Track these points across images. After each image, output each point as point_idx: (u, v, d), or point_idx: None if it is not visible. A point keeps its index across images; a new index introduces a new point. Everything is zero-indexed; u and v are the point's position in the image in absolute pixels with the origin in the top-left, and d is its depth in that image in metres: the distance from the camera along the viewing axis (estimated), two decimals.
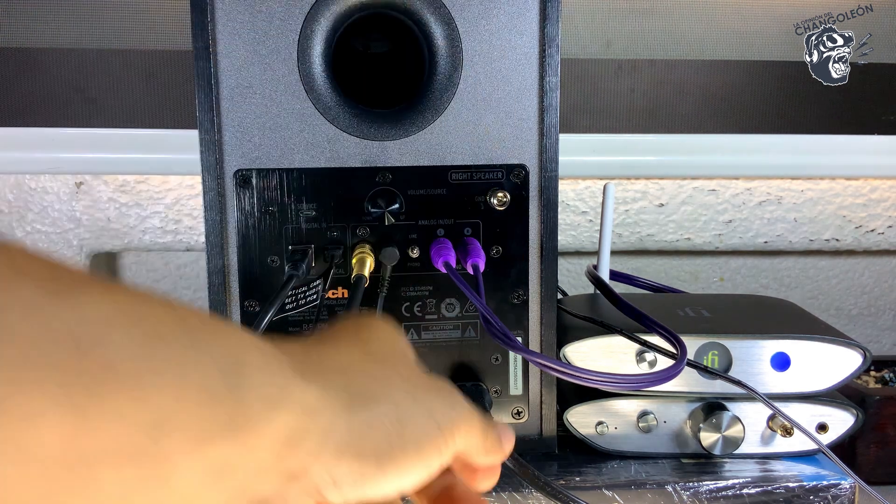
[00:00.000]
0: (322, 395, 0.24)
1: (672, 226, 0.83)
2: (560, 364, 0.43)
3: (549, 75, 0.50)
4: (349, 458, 0.24)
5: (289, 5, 0.48)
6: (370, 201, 0.50)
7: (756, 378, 0.53)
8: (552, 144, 0.51)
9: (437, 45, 0.49)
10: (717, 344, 0.53)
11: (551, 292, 0.52)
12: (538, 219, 0.52)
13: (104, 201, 0.79)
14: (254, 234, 0.50)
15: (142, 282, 0.86)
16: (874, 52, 0.78)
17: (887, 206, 0.84)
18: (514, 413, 0.53)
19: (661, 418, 0.54)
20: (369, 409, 0.25)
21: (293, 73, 0.48)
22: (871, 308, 0.91)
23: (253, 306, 0.50)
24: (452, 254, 0.49)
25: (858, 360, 0.53)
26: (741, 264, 0.89)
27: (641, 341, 0.51)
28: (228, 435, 0.21)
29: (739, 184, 0.82)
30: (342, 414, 0.24)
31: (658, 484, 0.50)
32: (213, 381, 0.21)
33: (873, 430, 0.66)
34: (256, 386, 0.22)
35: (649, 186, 0.82)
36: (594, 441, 0.54)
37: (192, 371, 0.20)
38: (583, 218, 0.82)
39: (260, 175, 0.49)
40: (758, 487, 0.50)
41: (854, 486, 0.50)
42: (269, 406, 0.22)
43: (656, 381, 0.44)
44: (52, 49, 0.75)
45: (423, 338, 0.52)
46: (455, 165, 0.50)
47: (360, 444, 0.25)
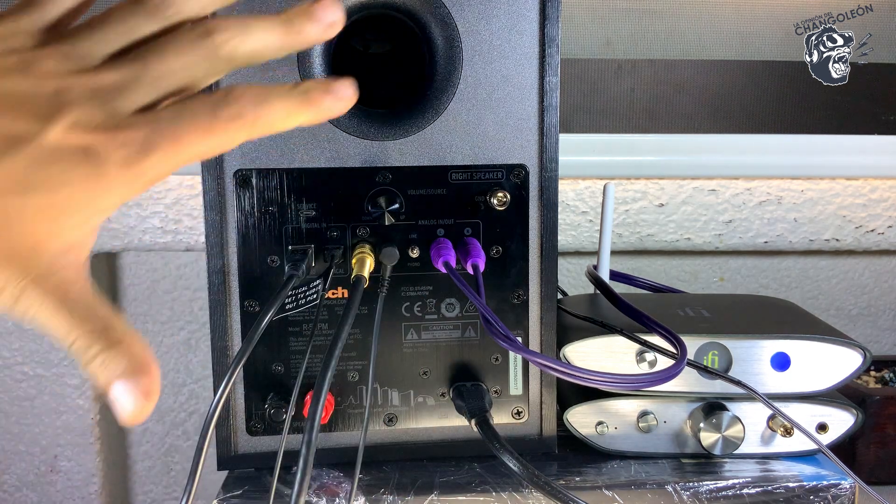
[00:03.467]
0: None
1: (672, 226, 0.83)
2: (560, 364, 0.43)
3: (549, 75, 0.50)
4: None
5: (288, 5, 0.48)
6: (370, 201, 0.50)
7: (756, 378, 0.53)
8: (552, 144, 0.51)
9: (437, 46, 0.49)
10: (717, 344, 0.53)
11: (551, 292, 0.52)
12: (538, 219, 0.52)
13: None
14: (254, 234, 0.50)
15: (142, 282, 0.86)
16: (874, 52, 0.78)
17: (887, 206, 0.84)
18: (514, 413, 0.53)
19: (661, 418, 0.54)
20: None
21: (293, 73, 0.48)
22: (871, 308, 0.91)
23: (253, 306, 0.50)
24: (452, 254, 0.49)
25: (858, 360, 0.53)
26: (741, 264, 0.89)
27: (641, 341, 0.51)
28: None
29: (739, 184, 0.82)
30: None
31: (658, 484, 0.50)
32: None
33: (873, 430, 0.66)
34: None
35: (649, 186, 0.82)
36: (594, 441, 0.54)
37: None
38: (583, 218, 0.82)
39: (260, 175, 0.49)
40: (758, 487, 0.50)
41: (854, 486, 0.50)
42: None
43: (656, 381, 0.44)
44: None
45: (423, 338, 0.52)
46: (455, 165, 0.50)
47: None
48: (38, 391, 0.83)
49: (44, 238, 0.27)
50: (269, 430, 0.52)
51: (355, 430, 0.52)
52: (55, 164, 0.26)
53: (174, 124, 0.28)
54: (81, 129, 0.27)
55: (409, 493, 0.49)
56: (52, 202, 0.27)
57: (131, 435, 0.89)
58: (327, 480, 0.51)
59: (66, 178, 0.27)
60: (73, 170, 0.27)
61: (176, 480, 0.91)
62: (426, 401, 0.53)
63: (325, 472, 0.52)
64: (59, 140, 0.26)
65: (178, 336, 0.87)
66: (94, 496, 0.85)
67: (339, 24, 0.31)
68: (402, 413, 0.53)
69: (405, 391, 0.53)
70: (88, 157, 0.27)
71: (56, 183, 0.26)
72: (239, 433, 0.52)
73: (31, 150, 0.26)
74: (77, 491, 0.85)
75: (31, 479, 0.85)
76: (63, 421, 0.83)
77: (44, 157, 0.26)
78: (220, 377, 0.51)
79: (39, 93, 0.27)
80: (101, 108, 0.27)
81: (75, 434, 0.84)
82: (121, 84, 0.28)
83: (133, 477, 0.91)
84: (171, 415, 0.89)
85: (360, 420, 0.52)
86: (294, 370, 0.51)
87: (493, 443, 0.46)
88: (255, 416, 0.51)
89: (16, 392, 0.83)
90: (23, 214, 0.26)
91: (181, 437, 0.90)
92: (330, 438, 0.53)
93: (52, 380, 0.83)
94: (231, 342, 0.51)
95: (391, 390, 0.53)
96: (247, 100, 0.29)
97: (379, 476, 0.51)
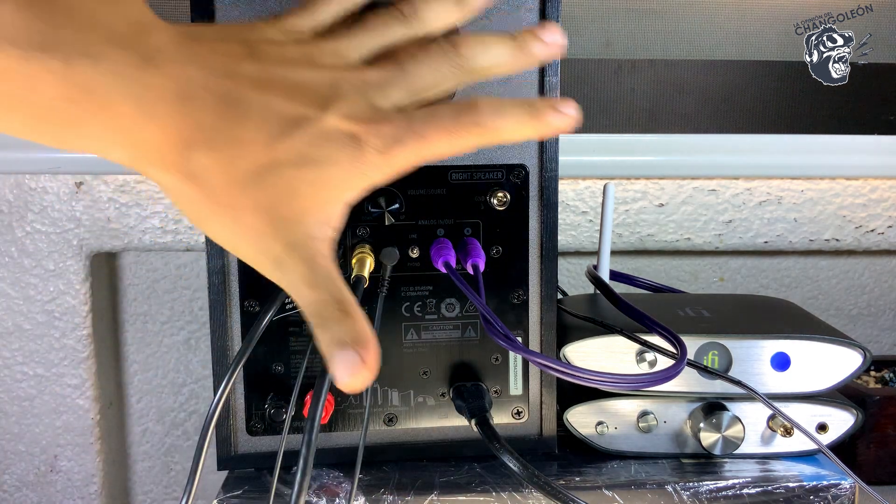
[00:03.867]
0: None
1: (672, 226, 0.83)
2: (560, 364, 0.43)
3: (549, 75, 0.50)
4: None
5: (288, 5, 0.48)
6: (370, 201, 0.50)
7: (756, 378, 0.53)
8: (552, 144, 0.51)
9: None
10: (717, 344, 0.53)
11: (551, 292, 0.52)
12: (538, 219, 0.52)
13: (104, 201, 0.79)
14: None
15: (142, 282, 0.86)
16: (874, 52, 0.78)
17: (887, 206, 0.84)
18: (514, 413, 0.53)
19: (661, 418, 0.54)
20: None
21: None
22: (871, 308, 0.91)
23: (253, 306, 0.50)
24: (452, 254, 0.49)
25: (858, 360, 0.53)
26: (741, 264, 0.89)
27: (641, 341, 0.51)
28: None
29: (739, 184, 0.82)
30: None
31: (658, 484, 0.50)
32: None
33: (873, 430, 0.66)
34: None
35: (649, 186, 0.82)
36: (594, 441, 0.54)
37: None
38: (583, 218, 0.82)
39: None
40: (758, 487, 0.50)
41: (854, 486, 0.50)
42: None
43: (656, 381, 0.44)
44: None
45: (423, 338, 0.52)
46: (455, 165, 0.50)
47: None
48: (38, 391, 0.83)
49: (310, 208, 0.31)
50: (269, 430, 0.52)
51: (355, 430, 0.52)
52: (328, 144, 0.31)
53: (424, 123, 0.32)
54: (350, 118, 0.31)
55: (409, 493, 0.49)
56: (322, 177, 0.31)
57: (131, 435, 0.89)
58: (327, 480, 0.51)
59: (335, 158, 0.31)
60: (340, 150, 0.31)
61: (176, 480, 0.91)
62: (426, 401, 0.53)
63: (325, 472, 0.52)
64: (334, 125, 0.31)
65: (178, 336, 0.87)
66: (94, 496, 0.85)
67: (561, 46, 0.35)
68: (402, 413, 0.53)
69: (405, 391, 0.53)
70: (354, 141, 0.31)
71: (327, 161, 0.31)
72: (239, 433, 0.52)
73: (312, 130, 0.31)
74: (77, 491, 0.85)
75: (31, 479, 0.85)
76: (63, 421, 0.83)
77: (321, 137, 0.31)
78: (220, 377, 0.51)
79: (320, 82, 0.32)
80: (365, 101, 0.32)
81: (75, 434, 0.84)
82: (383, 82, 0.33)
83: (133, 477, 0.91)
84: (171, 415, 0.89)
85: (360, 420, 0.52)
86: (294, 370, 0.51)
87: (493, 443, 0.46)
88: (255, 416, 0.51)
89: (16, 392, 0.83)
90: (298, 184, 0.31)
91: (181, 437, 0.90)
92: (330, 438, 0.53)
93: (52, 380, 0.83)
94: (231, 342, 0.51)
95: (391, 390, 0.53)
96: (486, 110, 0.33)
97: (379, 476, 0.51)
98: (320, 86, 0.32)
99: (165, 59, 0.30)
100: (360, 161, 0.31)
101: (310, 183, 0.31)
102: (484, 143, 0.33)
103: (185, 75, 0.30)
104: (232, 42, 0.32)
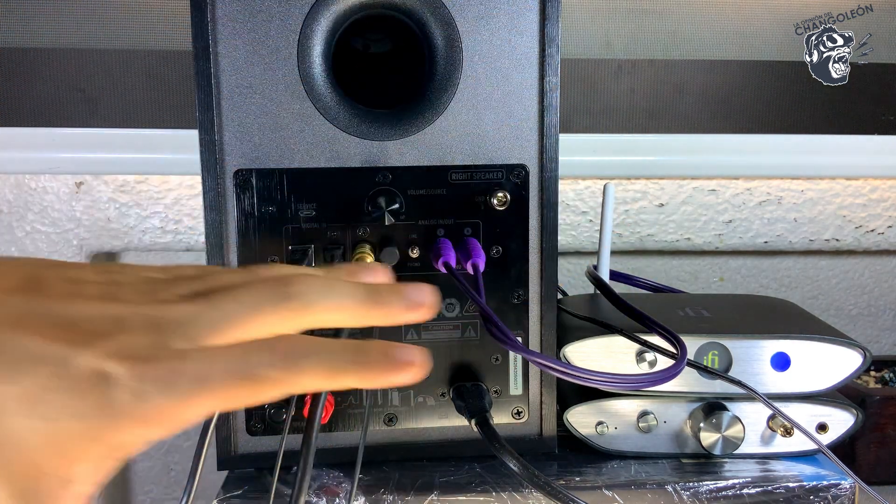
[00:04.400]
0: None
1: (672, 226, 0.83)
2: (560, 364, 0.43)
3: (549, 75, 0.50)
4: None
5: (289, 5, 0.48)
6: (370, 201, 0.50)
7: (756, 378, 0.53)
8: (552, 144, 0.51)
9: (437, 45, 0.49)
10: (717, 344, 0.53)
11: (551, 292, 0.52)
12: (538, 219, 0.52)
13: (104, 201, 0.79)
14: (254, 235, 0.50)
15: None
16: (874, 52, 0.78)
17: (887, 206, 0.84)
18: (514, 413, 0.53)
19: (661, 418, 0.54)
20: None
21: (293, 73, 0.48)
22: (871, 308, 0.91)
23: None
24: (452, 254, 0.49)
25: (858, 360, 0.53)
26: (741, 264, 0.89)
27: (641, 341, 0.51)
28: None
29: (739, 184, 0.82)
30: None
31: (658, 484, 0.50)
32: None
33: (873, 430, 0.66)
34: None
35: (649, 186, 0.82)
36: (594, 441, 0.54)
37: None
38: (583, 218, 0.82)
39: (260, 175, 0.49)
40: (758, 487, 0.50)
41: (854, 486, 0.50)
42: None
43: (656, 381, 0.44)
44: (52, 49, 0.75)
45: (423, 338, 0.52)
46: (455, 165, 0.50)
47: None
48: None
49: (47, 466, 0.25)
50: (269, 430, 0.52)
51: (355, 430, 0.52)
52: (69, 386, 0.24)
53: (217, 368, 0.25)
54: (115, 355, 0.25)
55: (409, 493, 0.49)
56: (56, 428, 0.24)
57: None
58: (327, 480, 0.51)
59: (74, 404, 0.24)
60: (85, 395, 0.24)
61: (176, 480, 0.91)
62: (426, 401, 0.53)
63: (325, 472, 0.52)
64: (86, 363, 0.24)
65: None
66: (94, 496, 0.85)
67: (430, 308, 0.30)
68: (402, 413, 0.53)
69: (405, 391, 0.53)
70: (103, 382, 0.24)
71: (64, 407, 0.24)
72: (239, 433, 0.52)
73: (53, 370, 0.24)
74: None
75: None
76: None
77: (60, 377, 0.24)
78: None
79: (101, 317, 0.26)
80: (152, 338, 0.26)
81: None
82: (192, 318, 0.26)
83: (133, 477, 0.91)
84: None
85: (360, 420, 0.52)
86: None
87: (493, 443, 0.46)
88: (255, 416, 0.51)
89: None
90: (27, 438, 0.24)
91: (181, 437, 0.90)
92: (330, 438, 0.53)
93: None
94: None
95: (391, 390, 0.53)
96: (302, 363, 0.26)
97: (379, 476, 0.51)
98: (100, 322, 0.26)
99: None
100: (108, 408, 0.24)
101: (42, 434, 0.24)
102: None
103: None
104: (11, 277, 0.27)
